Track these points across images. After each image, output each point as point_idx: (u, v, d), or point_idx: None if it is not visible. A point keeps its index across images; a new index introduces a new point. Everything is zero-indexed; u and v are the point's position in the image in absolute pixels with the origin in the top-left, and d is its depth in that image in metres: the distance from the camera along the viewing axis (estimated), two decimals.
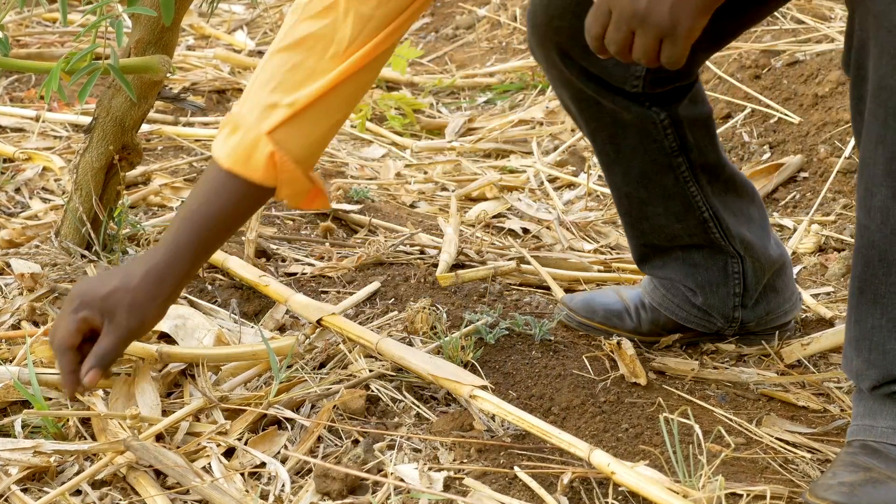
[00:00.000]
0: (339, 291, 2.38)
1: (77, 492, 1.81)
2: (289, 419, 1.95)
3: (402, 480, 1.79)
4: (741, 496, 1.74)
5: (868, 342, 1.74)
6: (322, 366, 2.09)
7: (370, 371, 2.04)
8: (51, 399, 1.99)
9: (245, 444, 1.90)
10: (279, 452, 1.89)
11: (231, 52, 4.16)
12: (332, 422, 1.92)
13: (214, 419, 1.96)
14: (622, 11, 1.59)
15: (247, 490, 1.80)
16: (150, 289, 1.85)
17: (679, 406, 1.98)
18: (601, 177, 3.11)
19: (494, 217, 2.97)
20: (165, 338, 2.17)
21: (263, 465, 1.86)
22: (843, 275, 2.60)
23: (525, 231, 2.90)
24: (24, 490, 1.81)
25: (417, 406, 1.98)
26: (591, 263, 2.65)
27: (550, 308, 2.33)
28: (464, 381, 1.92)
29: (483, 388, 1.91)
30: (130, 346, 2.02)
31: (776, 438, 1.96)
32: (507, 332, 2.16)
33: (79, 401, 1.96)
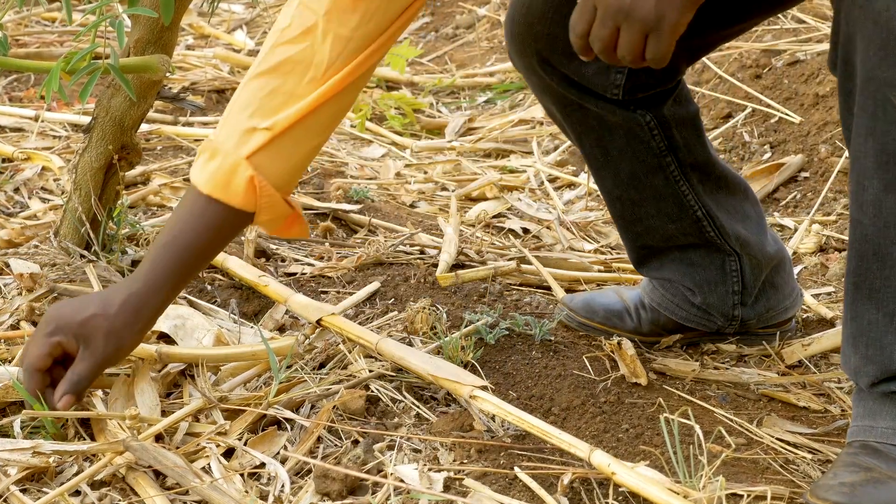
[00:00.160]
0: (339, 291, 2.37)
1: (76, 492, 1.81)
2: (288, 419, 1.94)
3: (402, 481, 1.78)
4: (742, 497, 1.73)
5: (865, 338, 1.73)
6: (322, 366, 2.09)
7: (370, 371, 2.04)
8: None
9: (244, 445, 1.90)
10: (279, 453, 1.89)
11: (231, 52, 4.16)
12: (332, 422, 1.92)
13: (214, 419, 1.96)
14: (608, 7, 1.59)
15: (246, 490, 1.80)
16: (129, 317, 1.87)
17: (679, 406, 1.97)
18: None
19: (494, 217, 2.96)
20: (165, 338, 2.17)
21: (263, 466, 1.86)
22: (844, 275, 2.60)
23: (525, 231, 2.89)
24: (23, 490, 1.80)
25: (417, 406, 1.98)
26: (592, 263, 2.65)
27: (550, 308, 2.33)
28: (464, 382, 1.92)
29: (483, 389, 1.91)
30: None
31: (777, 439, 1.95)
32: (508, 333, 2.16)
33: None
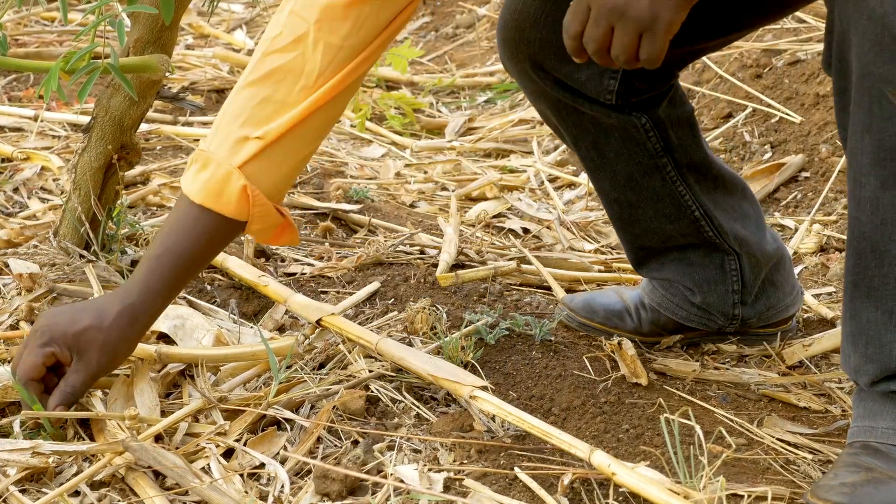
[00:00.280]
0: (339, 291, 2.37)
1: (76, 493, 1.80)
2: (288, 420, 1.94)
3: (402, 481, 1.78)
4: (742, 497, 1.73)
5: (864, 336, 1.73)
6: (321, 366, 2.08)
7: (370, 371, 2.03)
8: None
9: (244, 445, 1.89)
10: (278, 453, 1.89)
11: (230, 52, 4.15)
12: (332, 422, 1.92)
13: (213, 420, 1.96)
14: (602, 6, 1.59)
15: (246, 491, 1.80)
16: (124, 329, 1.88)
17: (680, 407, 1.97)
18: None
19: (494, 217, 2.96)
20: (164, 338, 2.17)
21: (263, 466, 1.85)
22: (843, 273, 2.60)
23: (525, 231, 2.89)
24: (23, 491, 1.80)
25: (417, 407, 1.97)
26: (592, 263, 2.65)
27: (551, 308, 2.33)
28: (464, 382, 1.92)
29: (483, 389, 1.90)
30: None
31: (777, 439, 1.95)
32: (508, 333, 2.15)
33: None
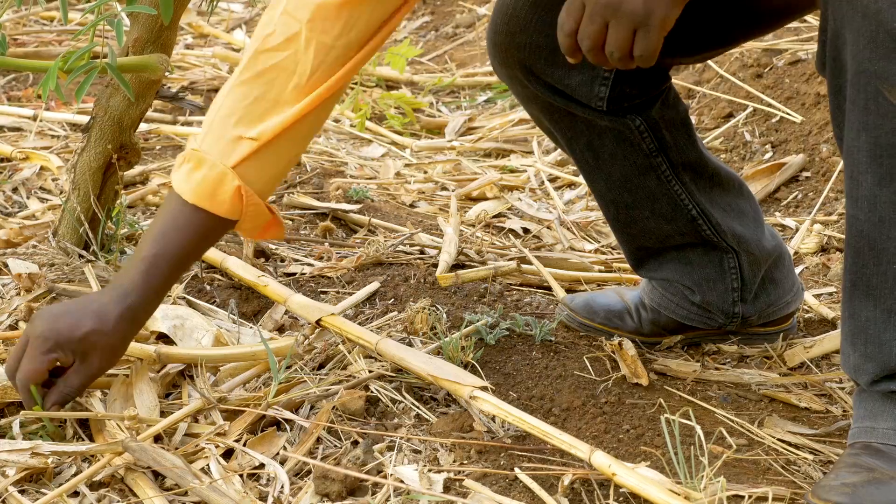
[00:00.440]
0: (339, 292, 2.37)
1: (75, 493, 1.80)
2: (288, 420, 1.94)
3: (402, 482, 1.78)
4: (743, 498, 1.73)
5: (864, 335, 1.73)
6: (321, 366, 2.08)
7: (370, 372, 2.03)
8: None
9: (244, 446, 1.89)
10: (278, 453, 1.88)
11: (230, 51, 4.15)
12: (332, 423, 1.92)
13: (213, 420, 1.95)
14: (596, 3, 1.61)
15: (245, 491, 1.79)
16: (125, 331, 1.88)
17: (680, 407, 1.97)
18: None
19: (495, 217, 2.96)
20: (164, 338, 2.16)
21: (262, 467, 1.85)
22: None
23: (525, 231, 2.89)
24: (22, 491, 1.80)
25: (417, 407, 1.97)
26: (592, 263, 2.64)
27: (551, 308, 2.33)
28: (464, 382, 1.91)
29: (483, 389, 1.90)
30: (128, 348, 2.02)
31: (778, 440, 1.95)
32: (508, 333, 2.15)
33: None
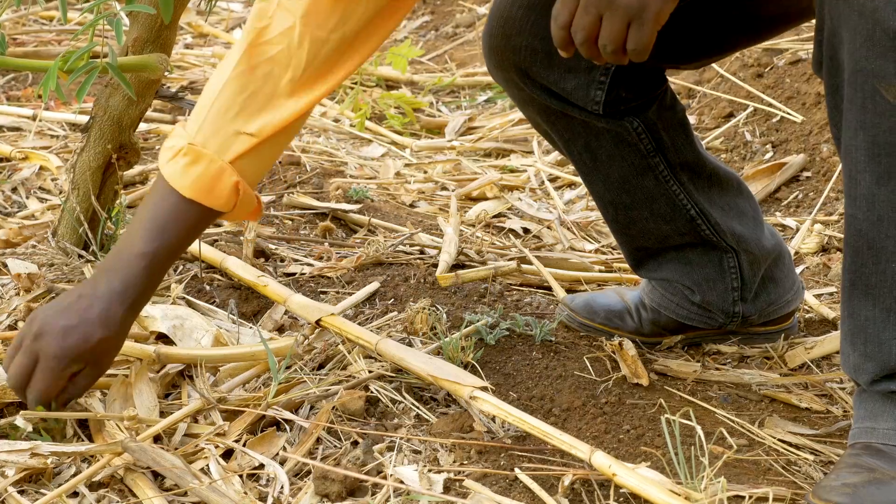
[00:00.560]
0: (339, 292, 2.37)
1: (74, 493, 1.80)
2: (287, 420, 1.94)
3: (402, 482, 1.78)
4: (743, 498, 1.73)
5: (863, 335, 1.72)
6: (321, 367, 2.08)
7: (369, 372, 2.03)
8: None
9: (243, 446, 1.89)
10: (278, 454, 1.88)
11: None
12: (332, 423, 1.91)
13: (213, 420, 1.95)
14: None
15: (245, 492, 1.79)
16: (128, 328, 1.91)
17: (681, 407, 1.97)
18: None
19: (495, 217, 2.95)
20: (163, 338, 2.16)
21: (262, 467, 1.85)
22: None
23: (526, 231, 2.89)
24: (21, 492, 1.80)
25: (417, 407, 1.97)
26: (593, 263, 2.64)
27: (551, 308, 2.32)
28: (464, 383, 1.91)
29: (483, 390, 1.90)
30: (128, 348, 2.04)
31: (779, 440, 1.95)
32: (508, 333, 2.15)
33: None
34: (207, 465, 1.85)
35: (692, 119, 3.50)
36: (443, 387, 1.95)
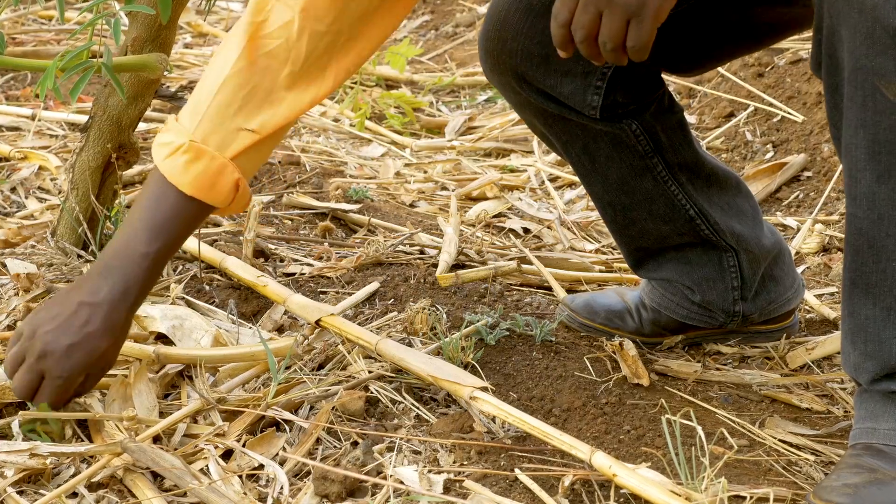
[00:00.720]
0: (338, 292, 2.36)
1: (73, 494, 1.80)
2: (287, 421, 1.93)
3: (402, 483, 1.77)
4: (744, 498, 1.73)
5: (864, 333, 1.72)
6: (321, 367, 2.08)
7: (369, 372, 2.02)
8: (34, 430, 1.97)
9: (243, 446, 1.89)
10: (277, 454, 1.88)
11: None
12: (331, 423, 1.91)
13: (212, 421, 1.95)
14: None
15: (245, 492, 1.79)
16: (129, 326, 1.91)
17: (681, 408, 1.96)
18: None
19: (495, 217, 2.95)
20: (162, 339, 2.16)
21: (262, 468, 1.85)
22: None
23: (526, 231, 2.88)
24: (20, 492, 1.79)
25: (417, 408, 1.96)
26: (593, 263, 2.64)
27: (551, 309, 2.32)
28: (464, 383, 1.91)
29: (483, 390, 1.90)
30: (127, 348, 2.04)
31: (779, 440, 1.94)
32: (508, 333, 2.15)
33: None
34: (207, 466, 1.85)
35: (693, 119, 3.50)
36: (443, 387, 1.95)
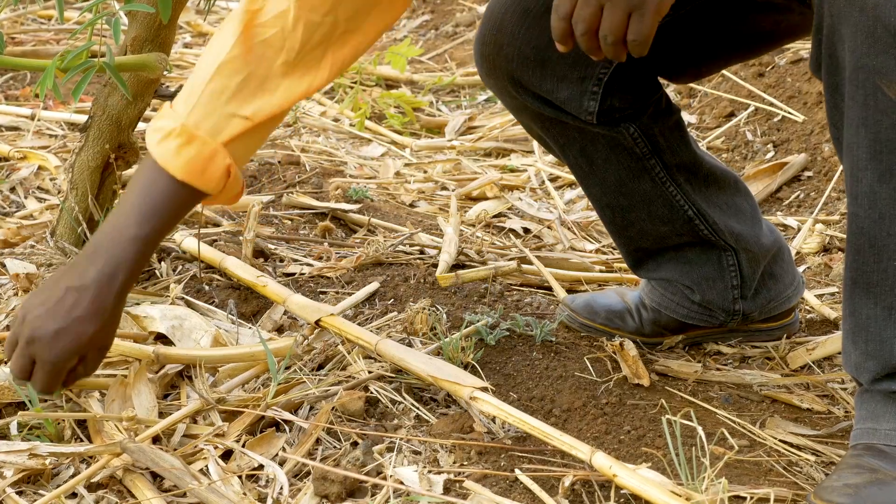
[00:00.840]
0: (338, 292, 2.36)
1: (73, 494, 1.80)
2: (287, 421, 1.93)
3: (402, 483, 1.77)
4: (745, 499, 1.73)
5: (865, 333, 1.72)
6: (320, 367, 2.07)
7: (369, 372, 2.02)
8: (46, 400, 1.97)
9: (243, 447, 1.89)
10: (277, 455, 1.88)
11: None
12: (331, 424, 1.91)
13: (212, 421, 1.95)
14: None
15: (244, 493, 1.79)
16: (120, 308, 1.87)
17: (682, 408, 1.96)
18: None
19: (495, 217, 2.95)
20: (162, 339, 2.16)
21: (261, 468, 1.84)
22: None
23: (526, 231, 2.88)
24: (20, 493, 1.79)
25: (417, 408, 1.96)
26: (593, 263, 2.63)
27: (552, 309, 2.32)
28: (464, 383, 1.91)
29: (483, 390, 1.90)
30: (126, 348, 2.05)
31: (780, 440, 1.94)
32: (508, 333, 2.14)
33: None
34: (206, 466, 1.85)
35: (693, 118, 3.50)
36: (443, 387, 1.95)
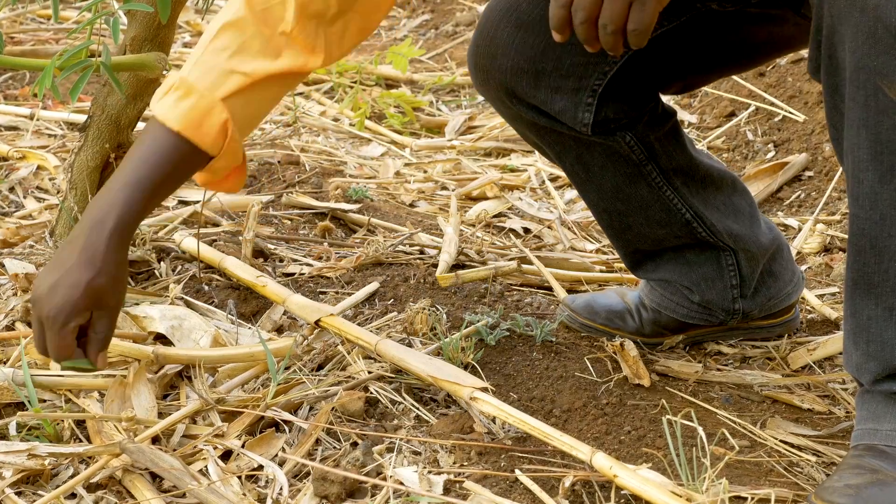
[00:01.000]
0: (338, 292, 2.36)
1: (72, 495, 1.80)
2: (286, 421, 1.93)
3: (402, 483, 1.77)
4: (745, 499, 1.72)
5: (866, 333, 1.72)
6: (320, 367, 2.07)
7: (369, 373, 2.02)
8: (45, 401, 1.97)
9: (242, 447, 1.88)
10: (277, 455, 1.87)
11: None
12: (331, 424, 1.91)
13: (211, 421, 1.94)
14: None
15: (244, 493, 1.79)
16: (118, 257, 1.79)
17: (682, 408, 1.96)
18: None
19: (495, 216, 2.95)
20: (161, 339, 2.15)
21: (261, 468, 1.84)
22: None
23: (526, 231, 2.88)
24: (19, 493, 1.79)
25: (417, 408, 1.96)
26: (593, 263, 2.63)
27: (552, 309, 2.32)
28: (464, 383, 1.90)
29: (483, 390, 1.89)
30: (126, 348, 2.04)
31: (781, 441, 1.94)
32: (508, 334, 2.14)
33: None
34: (206, 467, 1.85)
35: (693, 118, 3.50)
36: (443, 388, 1.94)
